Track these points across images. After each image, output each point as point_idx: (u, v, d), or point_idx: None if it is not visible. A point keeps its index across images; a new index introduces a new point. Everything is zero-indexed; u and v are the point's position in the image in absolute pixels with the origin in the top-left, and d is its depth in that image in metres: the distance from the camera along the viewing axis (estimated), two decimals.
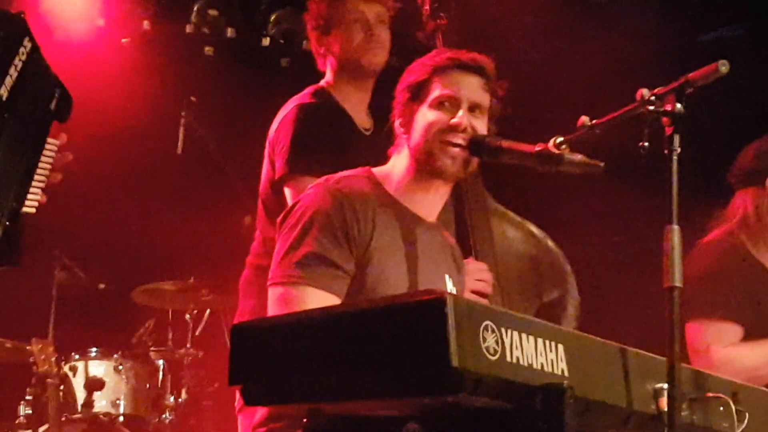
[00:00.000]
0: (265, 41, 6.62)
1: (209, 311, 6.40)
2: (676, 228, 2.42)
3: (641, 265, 4.00)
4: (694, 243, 3.87)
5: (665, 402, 2.33)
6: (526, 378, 2.13)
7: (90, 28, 6.27)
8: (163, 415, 6.13)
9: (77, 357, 6.09)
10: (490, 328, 2.09)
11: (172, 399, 6.16)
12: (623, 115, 2.56)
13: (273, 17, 6.59)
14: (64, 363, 6.00)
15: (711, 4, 5.83)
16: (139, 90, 6.29)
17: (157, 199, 6.56)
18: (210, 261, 6.23)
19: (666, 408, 2.32)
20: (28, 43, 2.51)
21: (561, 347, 2.21)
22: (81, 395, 6.02)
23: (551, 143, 2.80)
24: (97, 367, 6.10)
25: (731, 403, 2.48)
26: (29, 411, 5.86)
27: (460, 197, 3.91)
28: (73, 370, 6.06)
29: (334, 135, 3.70)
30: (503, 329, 2.11)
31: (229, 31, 6.57)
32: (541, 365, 2.16)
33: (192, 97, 6.06)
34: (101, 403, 6.03)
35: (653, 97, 2.49)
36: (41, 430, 5.75)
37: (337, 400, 2.27)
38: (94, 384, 6.00)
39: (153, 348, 6.39)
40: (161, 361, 6.28)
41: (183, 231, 6.36)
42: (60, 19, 6.02)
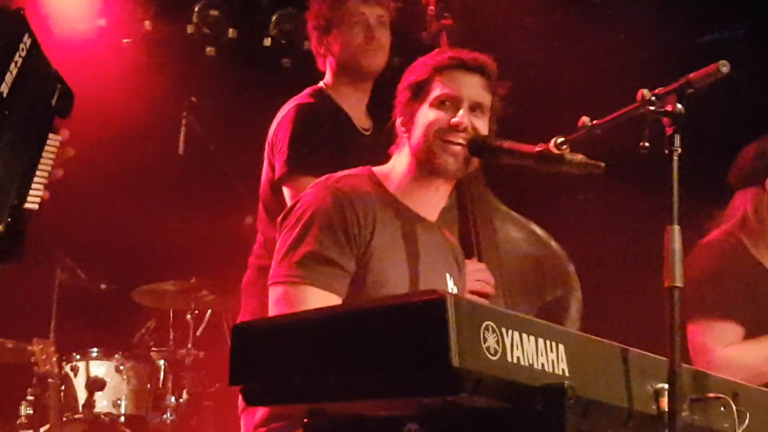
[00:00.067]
0: (267, 42, 6.63)
1: (210, 311, 6.40)
2: (676, 228, 2.42)
3: (641, 265, 4.01)
4: (694, 243, 3.88)
5: (666, 402, 2.33)
6: (526, 378, 2.13)
7: (91, 28, 6.27)
8: (164, 416, 6.13)
9: (78, 357, 6.10)
10: (490, 328, 2.09)
11: (173, 399, 6.16)
12: (624, 116, 2.56)
13: (274, 18, 6.60)
14: (65, 363, 6.01)
15: (711, 4, 5.83)
16: (140, 90, 6.28)
17: (158, 200, 6.56)
18: (211, 261, 6.22)
19: (667, 408, 2.32)
20: (27, 39, 2.50)
21: (561, 347, 2.20)
22: (82, 395, 6.03)
23: (552, 143, 2.80)
24: (98, 368, 6.10)
25: (732, 404, 2.47)
26: (30, 411, 5.86)
27: (463, 197, 3.91)
28: (75, 370, 6.06)
29: (333, 135, 3.70)
30: (504, 329, 2.11)
31: (230, 32, 6.58)
32: (542, 365, 2.15)
33: (193, 98, 6.07)
34: (102, 404, 6.03)
35: (654, 98, 2.49)
36: (42, 430, 5.76)
37: (338, 400, 2.26)
38: (95, 384, 6.01)
39: (154, 348, 6.40)
40: (162, 362, 6.28)
41: (184, 231, 6.35)
42: (61, 20, 6.03)
